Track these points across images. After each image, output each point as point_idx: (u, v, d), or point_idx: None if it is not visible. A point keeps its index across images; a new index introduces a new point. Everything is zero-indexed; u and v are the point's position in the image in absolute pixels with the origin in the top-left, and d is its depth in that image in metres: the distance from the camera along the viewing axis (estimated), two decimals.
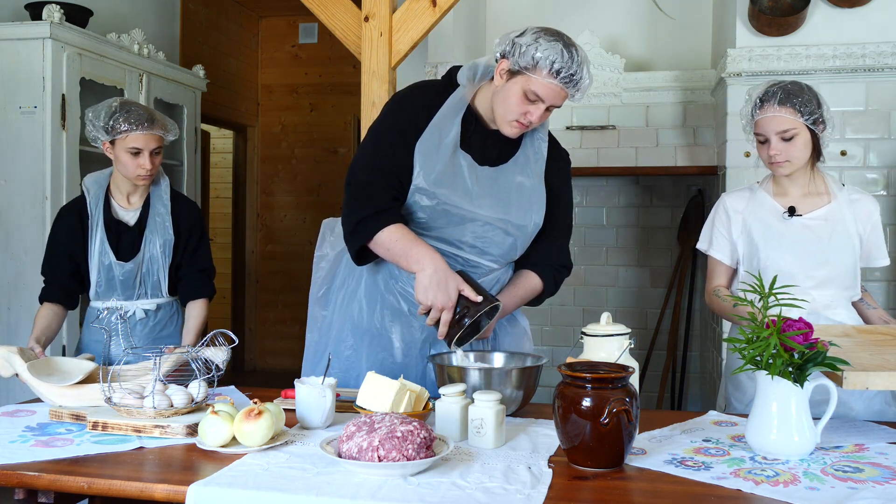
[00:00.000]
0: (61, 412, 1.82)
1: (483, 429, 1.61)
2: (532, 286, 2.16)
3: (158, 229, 2.56)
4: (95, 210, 2.53)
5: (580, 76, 1.94)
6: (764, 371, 1.54)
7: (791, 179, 2.24)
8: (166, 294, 2.59)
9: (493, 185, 2.05)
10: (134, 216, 2.57)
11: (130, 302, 2.54)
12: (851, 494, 1.33)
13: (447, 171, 2.01)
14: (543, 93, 1.94)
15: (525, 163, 2.09)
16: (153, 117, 2.51)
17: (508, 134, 2.02)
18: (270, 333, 7.11)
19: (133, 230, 2.55)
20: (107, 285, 2.52)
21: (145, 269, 2.53)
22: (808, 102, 2.15)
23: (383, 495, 1.32)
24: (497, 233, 2.06)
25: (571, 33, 5.06)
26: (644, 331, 4.71)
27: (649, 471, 1.47)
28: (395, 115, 2.07)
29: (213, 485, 1.37)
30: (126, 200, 2.58)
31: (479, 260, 2.08)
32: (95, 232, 2.51)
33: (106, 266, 2.51)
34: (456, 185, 2.02)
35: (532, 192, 2.08)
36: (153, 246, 2.54)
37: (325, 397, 1.75)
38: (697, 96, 4.43)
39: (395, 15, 3.00)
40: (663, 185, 4.75)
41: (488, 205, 2.04)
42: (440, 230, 2.04)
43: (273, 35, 7.25)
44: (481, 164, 2.06)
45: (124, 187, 2.57)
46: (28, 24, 3.53)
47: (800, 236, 2.21)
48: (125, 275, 2.50)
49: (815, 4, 3.55)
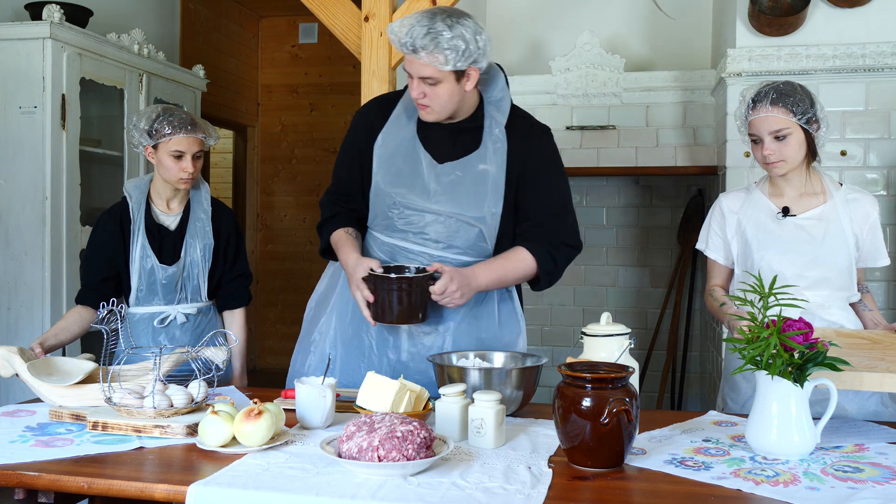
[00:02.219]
0: (61, 412, 1.82)
1: (483, 429, 1.61)
2: (519, 258, 2.12)
3: (199, 234, 2.56)
4: (138, 215, 2.53)
5: (411, 37, 1.94)
6: (764, 371, 1.54)
7: (786, 180, 2.24)
8: (205, 299, 2.60)
9: (453, 180, 2.08)
10: (175, 221, 2.57)
11: (171, 306, 2.54)
12: (851, 494, 1.33)
13: (404, 170, 2.11)
14: (406, 67, 2.02)
15: (485, 152, 2.10)
16: (195, 121, 2.53)
17: (423, 119, 2.10)
18: (270, 333, 7.11)
19: (174, 234, 2.55)
20: (148, 290, 2.52)
21: (186, 273, 2.53)
22: (800, 102, 2.15)
23: (383, 495, 1.32)
24: (461, 225, 2.09)
25: (571, 33, 5.08)
26: (644, 331, 4.71)
27: (649, 471, 1.47)
28: (350, 134, 2.27)
29: (213, 485, 1.37)
30: (166, 206, 2.58)
31: (445, 254, 2.11)
32: (137, 236, 2.51)
33: (148, 270, 2.51)
34: (414, 183, 2.09)
35: (491, 181, 2.09)
36: (194, 250, 2.54)
37: (325, 397, 1.75)
38: (697, 96, 4.43)
39: (395, 15, 3.00)
40: (663, 185, 4.75)
41: (444, 200, 2.09)
42: (404, 228, 2.12)
43: (273, 35, 7.25)
44: (442, 160, 2.09)
45: (164, 192, 2.57)
46: (28, 24, 3.53)
47: (793, 236, 2.21)
48: (168, 279, 2.51)
49: (815, 4, 3.55)
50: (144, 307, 2.52)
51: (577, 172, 4.50)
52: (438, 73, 1.98)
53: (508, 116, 2.14)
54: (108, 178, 3.86)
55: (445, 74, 1.99)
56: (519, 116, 2.18)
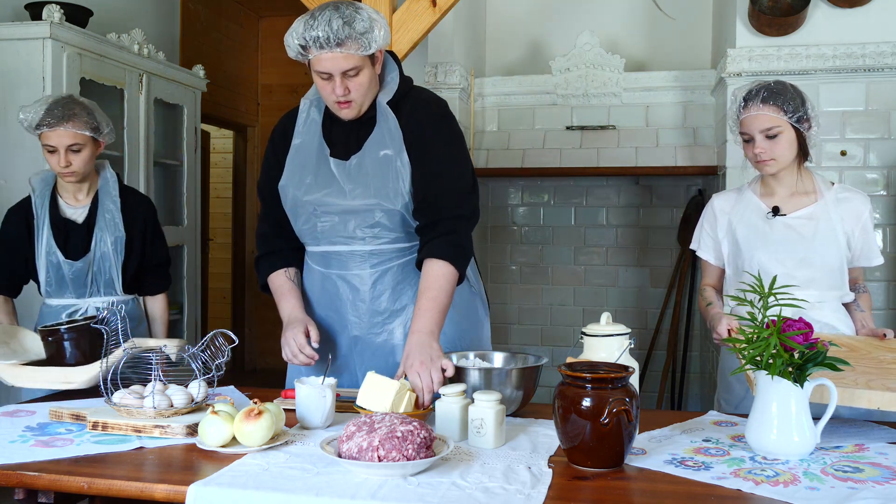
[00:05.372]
0: (61, 412, 1.82)
1: (483, 429, 1.61)
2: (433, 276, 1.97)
3: (109, 226, 2.53)
4: (41, 209, 2.51)
5: (331, 31, 1.89)
6: (764, 371, 1.54)
7: (778, 179, 2.25)
8: (121, 292, 2.58)
9: (361, 171, 2.05)
10: (83, 213, 2.54)
11: (83, 300, 2.52)
12: (851, 494, 1.33)
13: (319, 176, 2.08)
14: (323, 67, 1.95)
15: (381, 136, 2.06)
16: (72, 114, 2.46)
17: (345, 118, 2.05)
18: (270, 333, 7.10)
19: (82, 228, 2.53)
20: (57, 284, 2.51)
21: (97, 267, 2.51)
22: (791, 100, 2.15)
23: (383, 495, 1.32)
24: (383, 214, 2.05)
25: (571, 33, 5.09)
26: (644, 331, 4.71)
27: (649, 471, 1.47)
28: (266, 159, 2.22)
29: (213, 485, 1.37)
30: (74, 198, 2.55)
31: (378, 247, 2.09)
32: (42, 231, 2.49)
33: (55, 265, 2.49)
34: (331, 185, 2.07)
35: (395, 163, 2.04)
36: (104, 244, 2.52)
37: (325, 397, 1.75)
38: (697, 96, 4.43)
39: (395, 15, 3.00)
40: (663, 185, 4.75)
41: (360, 193, 2.05)
42: (332, 234, 2.10)
43: (273, 35, 7.24)
44: (348, 156, 2.07)
45: (69, 185, 2.54)
46: (28, 24, 3.53)
47: (783, 236, 2.21)
48: (75, 273, 2.49)
49: (815, 4, 3.55)
50: (57, 299, 2.53)
51: (577, 172, 4.50)
52: (361, 61, 1.94)
53: (399, 95, 2.09)
54: None
55: (365, 60, 1.96)
56: (412, 97, 2.12)
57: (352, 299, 2.12)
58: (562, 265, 4.89)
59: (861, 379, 1.71)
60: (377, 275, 2.10)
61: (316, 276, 2.18)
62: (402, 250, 2.10)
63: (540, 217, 4.92)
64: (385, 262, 2.10)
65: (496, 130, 4.75)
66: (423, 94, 2.15)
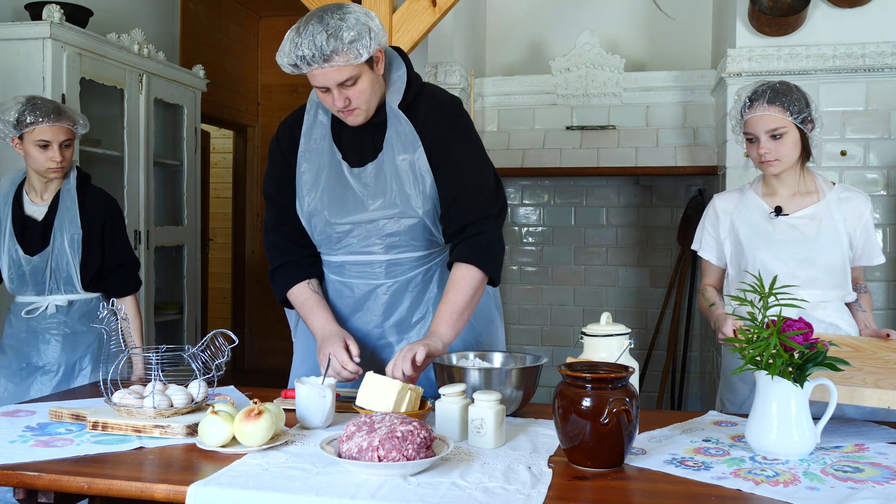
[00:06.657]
0: (61, 412, 1.82)
1: (483, 429, 1.61)
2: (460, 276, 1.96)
3: (66, 224, 2.58)
4: (4, 206, 2.59)
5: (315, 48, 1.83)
6: (764, 371, 1.54)
7: (780, 179, 2.25)
8: (80, 290, 2.60)
9: (379, 179, 2.00)
10: (42, 211, 2.60)
11: (42, 297, 2.57)
12: (851, 494, 1.33)
13: (334, 184, 2.03)
14: (318, 82, 1.92)
15: (397, 139, 2.01)
16: (61, 110, 2.55)
17: (353, 125, 2.00)
18: (270, 333, 7.11)
19: (40, 225, 2.59)
20: (18, 280, 2.57)
21: (55, 263, 2.56)
22: (796, 101, 2.15)
23: (383, 495, 1.32)
24: (402, 222, 2.01)
25: (571, 33, 5.09)
26: (644, 331, 4.71)
27: (649, 471, 1.47)
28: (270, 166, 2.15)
29: (213, 485, 1.37)
30: (39, 197, 2.62)
31: (399, 256, 2.05)
32: (4, 227, 2.57)
33: (15, 260, 2.56)
34: (346, 195, 2.02)
35: (413, 167, 2.00)
36: (61, 241, 2.56)
37: (325, 397, 1.74)
38: (697, 96, 4.43)
39: (395, 15, 3.00)
40: (663, 185, 4.75)
41: (381, 203, 2.00)
42: (351, 244, 2.06)
43: (273, 35, 7.24)
44: (361, 163, 2.02)
45: (37, 184, 2.61)
46: (28, 24, 3.53)
47: (785, 236, 2.21)
48: (33, 269, 2.55)
49: (815, 4, 3.55)
50: (21, 297, 2.60)
51: (577, 172, 4.50)
52: (356, 69, 1.88)
53: (412, 96, 2.03)
54: (107, 178, 3.85)
55: (362, 67, 1.89)
56: (425, 96, 2.06)
57: (370, 309, 2.09)
58: (562, 265, 4.89)
59: (869, 378, 1.71)
60: (396, 285, 2.07)
61: (332, 285, 2.14)
62: (421, 259, 2.07)
63: (540, 217, 4.93)
64: (404, 272, 2.07)
65: (496, 130, 4.75)
66: (436, 93, 2.09)
